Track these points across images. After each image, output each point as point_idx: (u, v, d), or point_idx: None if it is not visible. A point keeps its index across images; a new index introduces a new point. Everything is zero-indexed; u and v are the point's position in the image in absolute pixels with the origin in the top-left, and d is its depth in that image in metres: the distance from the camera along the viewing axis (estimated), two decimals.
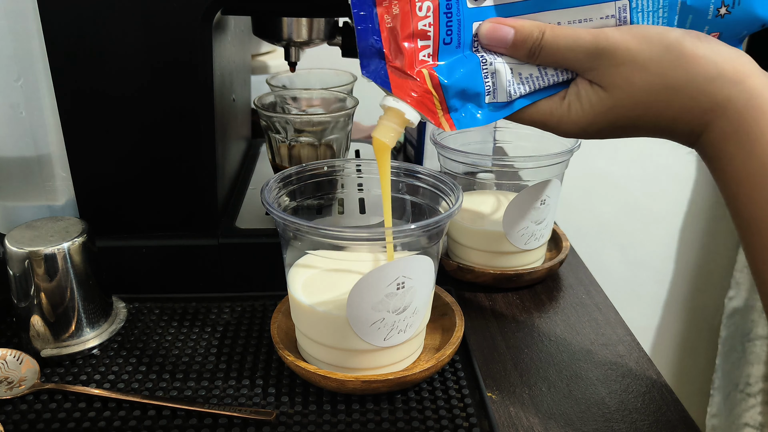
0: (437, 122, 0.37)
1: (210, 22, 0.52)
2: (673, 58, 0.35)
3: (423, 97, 0.36)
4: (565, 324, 0.57)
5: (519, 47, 0.37)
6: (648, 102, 0.36)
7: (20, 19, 0.51)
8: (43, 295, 0.49)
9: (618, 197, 1.40)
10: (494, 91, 0.38)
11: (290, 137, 0.62)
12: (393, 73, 0.36)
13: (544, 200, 0.60)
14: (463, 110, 0.38)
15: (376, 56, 0.36)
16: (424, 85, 0.36)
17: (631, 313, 0.80)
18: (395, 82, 0.36)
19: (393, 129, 0.38)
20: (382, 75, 0.36)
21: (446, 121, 0.37)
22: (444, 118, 0.37)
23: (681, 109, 0.36)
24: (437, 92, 0.36)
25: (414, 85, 0.36)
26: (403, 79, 0.36)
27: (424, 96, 0.36)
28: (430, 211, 0.51)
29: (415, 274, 0.44)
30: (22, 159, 0.55)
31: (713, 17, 0.37)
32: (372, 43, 0.35)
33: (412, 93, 0.36)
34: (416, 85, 0.36)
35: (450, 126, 0.37)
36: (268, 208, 0.44)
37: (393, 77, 0.36)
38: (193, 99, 0.53)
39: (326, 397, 0.47)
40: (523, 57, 0.37)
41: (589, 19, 0.37)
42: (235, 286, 0.59)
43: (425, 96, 0.36)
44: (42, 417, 0.45)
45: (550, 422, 0.46)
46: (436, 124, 0.37)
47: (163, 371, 0.49)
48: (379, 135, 0.39)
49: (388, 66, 0.36)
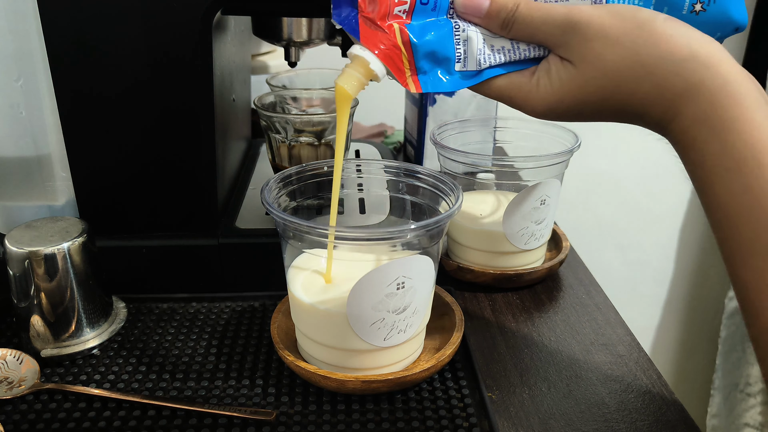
0: (404, 82, 0.37)
1: (210, 22, 0.52)
2: (645, 35, 0.34)
3: (391, 52, 0.36)
4: (565, 324, 0.57)
5: (493, 17, 0.36)
6: (619, 79, 0.35)
7: (20, 19, 0.51)
8: (43, 295, 0.49)
9: (618, 197, 1.40)
10: (465, 59, 0.37)
11: (290, 137, 0.62)
12: (364, 22, 0.36)
13: (544, 200, 0.60)
14: (431, 74, 0.37)
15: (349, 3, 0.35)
16: (393, 39, 0.36)
17: (631, 313, 0.80)
18: (365, 32, 0.36)
19: (356, 78, 0.37)
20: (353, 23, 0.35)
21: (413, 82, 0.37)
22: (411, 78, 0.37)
23: (652, 89, 0.35)
24: (406, 50, 0.36)
25: (383, 38, 0.36)
26: (374, 30, 0.36)
27: (392, 50, 0.36)
28: (430, 211, 0.51)
29: (415, 274, 0.44)
30: (22, 159, 0.55)
31: (688, 13, 0.36)
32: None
33: (381, 45, 0.36)
34: (386, 37, 0.36)
35: (416, 87, 0.37)
36: (268, 208, 0.44)
37: (363, 27, 0.36)
38: (193, 99, 0.53)
39: (326, 397, 0.47)
40: (497, 28, 0.37)
41: None
42: (235, 286, 0.59)
43: (393, 51, 0.36)
44: (42, 417, 0.45)
45: (550, 422, 0.46)
46: (403, 83, 0.37)
47: (163, 371, 0.49)
48: (342, 82, 0.38)
49: (360, 15, 0.35)
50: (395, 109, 1.12)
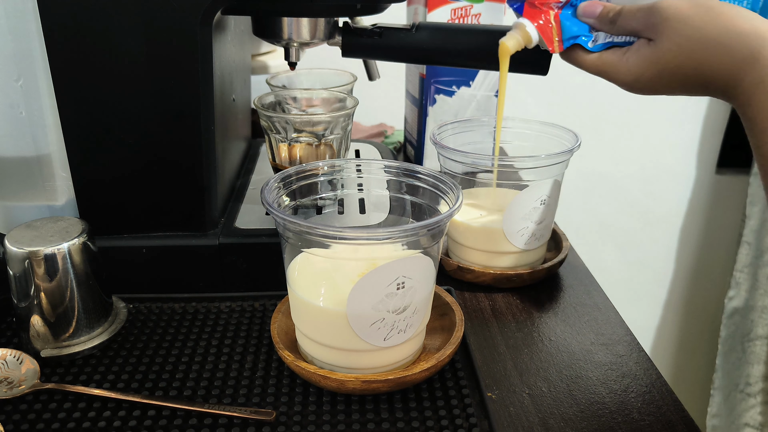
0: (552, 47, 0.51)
1: (210, 23, 0.52)
2: (714, 14, 0.42)
3: (546, 26, 0.50)
4: (565, 324, 0.57)
5: (603, 17, 0.49)
6: (690, 50, 0.43)
7: (20, 19, 0.51)
8: (43, 295, 0.49)
9: (618, 197, 1.40)
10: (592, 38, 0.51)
11: (290, 137, 0.62)
12: (528, 6, 0.51)
13: (544, 200, 0.60)
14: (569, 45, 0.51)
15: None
16: (548, 17, 0.50)
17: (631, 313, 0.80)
18: (527, 12, 0.51)
19: (515, 38, 0.51)
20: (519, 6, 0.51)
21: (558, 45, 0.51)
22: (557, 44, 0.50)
23: (718, 57, 0.41)
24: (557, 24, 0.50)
25: (541, 15, 0.50)
26: (534, 10, 0.50)
27: (546, 25, 0.50)
28: (430, 211, 0.51)
29: (415, 274, 0.44)
30: (22, 159, 0.55)
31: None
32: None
33: (539, 21, 0.50)
34: (543, 15, 0.50)
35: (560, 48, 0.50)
36: (268, 208, 0.44)
37: (527, 8, 0.51)
38: (193, 99, 0.53)
39: (326, 397, 0.47)
40: (606, 25, 0.48)
41: None
42: (235, 286, 0.59)
43: (547, 26, 0.50)
44: (42, 417, 0.45)
45: (550, 422, 0.46)
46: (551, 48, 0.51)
47: (163, 371, 0.49)
48: (505, 39, 0.51)
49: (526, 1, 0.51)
50: (395, 109, 1.12)
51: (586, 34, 0.50)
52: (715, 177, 1.40)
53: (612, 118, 1.32)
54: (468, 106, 0.82)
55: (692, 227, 1.45)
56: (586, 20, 0.49)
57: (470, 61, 0.59)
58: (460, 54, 0.58)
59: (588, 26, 0.50)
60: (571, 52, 0.51)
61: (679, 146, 1.37)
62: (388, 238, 0.43)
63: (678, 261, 1.48)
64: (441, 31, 0.59)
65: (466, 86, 0.81)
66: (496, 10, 0.78)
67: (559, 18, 0.50)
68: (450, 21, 0.77)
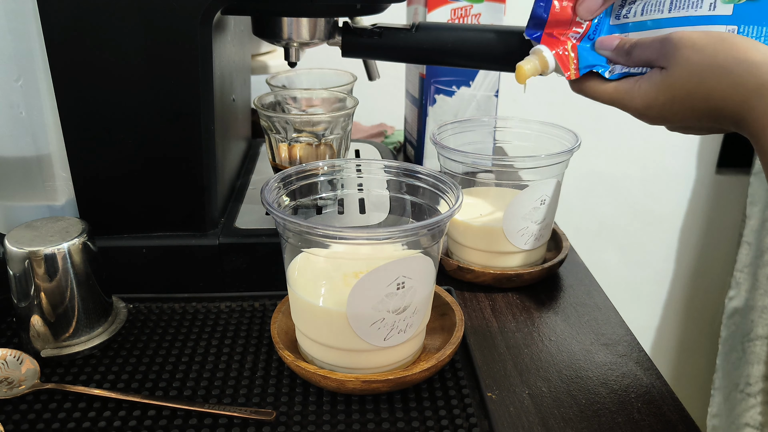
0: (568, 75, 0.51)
1: (210, 23, 0.52)
2: (727, 45, 0.42)
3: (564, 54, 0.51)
4: (565, 324, 0.57)
5: (619, 49, 0.49)
6: (701, 77, 0.43)
7: (20, 19, 0.51)
8: (43, 295, 0.49)
9: (618, 197, 1.40)
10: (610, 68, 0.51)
11: (290, 137, 0.62)
12: (546, 36, 0.51)
13: (544, 200, 0.60)
14: None
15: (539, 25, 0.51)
16: (565, 47, 0.51)
17: (631, 313, 0.80)
18: (545, 41, 0.51)
19: (533, 63, 0.51)
20: (538, 36, 0.52)
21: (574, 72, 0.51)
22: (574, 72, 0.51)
23: (729, 87, 0.41)
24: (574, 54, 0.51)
25: (559, 45, 0.51)
26: (552, 39, 0.51)
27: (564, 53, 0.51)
28: (430, 211, 0.51)
29: (415, 274, 0.44)
30: (22, 159, 0.55)
31: None
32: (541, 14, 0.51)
33: (557, 50, 0.51)
34: (561, 44, 0.51)
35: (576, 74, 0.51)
36: (268, 208, 0.44)
37: (545, 38, 0.51)
38: (193, 99, 0.53)
39: (326, 397, 0.47)
40: (622, 57, 0.49)
41: None
42: (235, 286, 0.59)
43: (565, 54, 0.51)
44: (42, 417, 0.45)
45: (550, 422, 0.46)
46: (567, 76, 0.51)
47: (163, 371, 0.49)
48: (522, 63, 0.51)
49: (544, 32, 0.51)
50: (395, 109, 1.12)
51: (603, 65, 0.50)
52: (715, 177, 1.40)
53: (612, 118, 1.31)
54: (468, 106, 0.82)
55: (692, 227, 1.45)
56: (604, 53, 0.50)
57: (470, 61, 0.59)
58: (459, 54, 0.58)
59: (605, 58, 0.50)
60: (585, 84, 0.50)
61: (679, 146, 1.37)
62: (388, 238, 0.43)
63: (678, 261, 1.48)
64: (441, 31, 0.59)
65: (466, 86, 0.81)
66: (496, 10, 0.78)
67: (576, 48, 0.51)
68: (450, 21, 0.77)
